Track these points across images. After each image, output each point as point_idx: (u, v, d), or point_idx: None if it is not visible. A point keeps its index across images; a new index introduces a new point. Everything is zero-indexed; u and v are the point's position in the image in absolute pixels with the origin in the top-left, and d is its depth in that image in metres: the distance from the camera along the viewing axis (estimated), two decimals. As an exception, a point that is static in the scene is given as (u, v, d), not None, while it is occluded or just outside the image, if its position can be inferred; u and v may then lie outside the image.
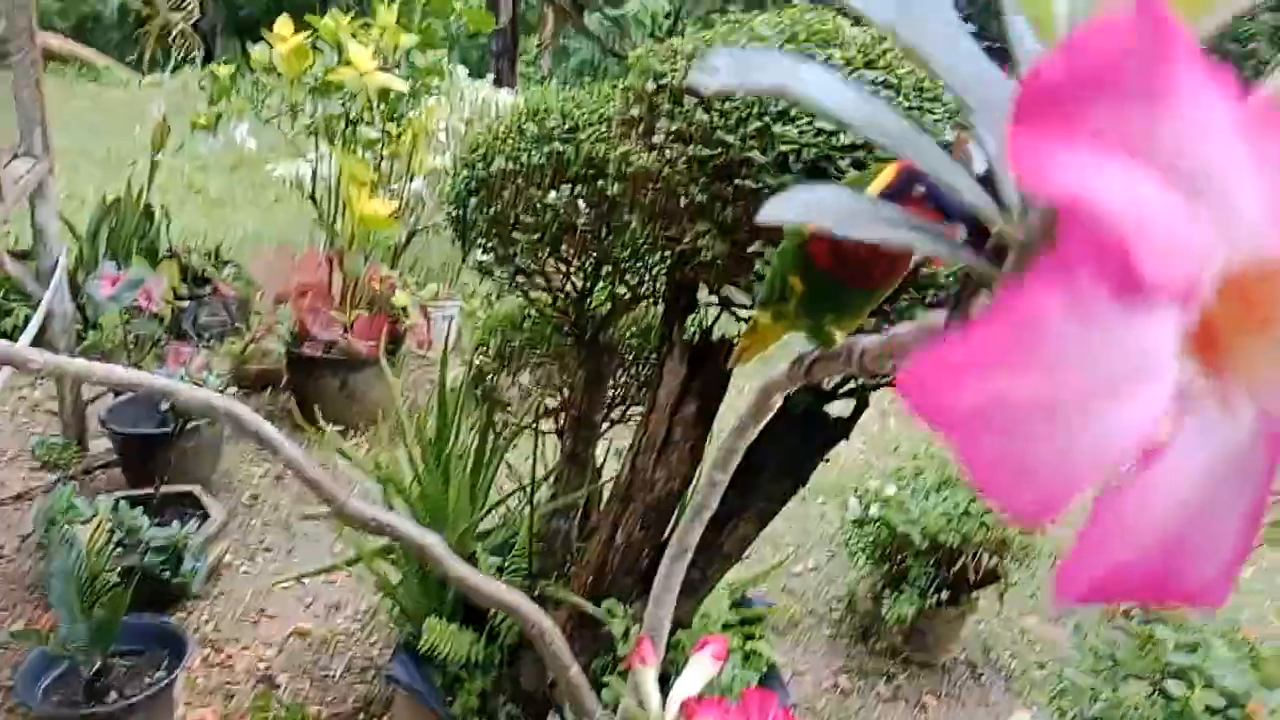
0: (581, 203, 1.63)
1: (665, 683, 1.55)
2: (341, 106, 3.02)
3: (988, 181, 0.29)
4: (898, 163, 0.54)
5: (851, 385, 1.51)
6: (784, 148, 1.18)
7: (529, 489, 2.03)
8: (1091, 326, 0.16)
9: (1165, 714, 1.68)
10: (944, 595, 2.34)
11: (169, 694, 2.01)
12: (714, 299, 1.68)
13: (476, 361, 2.19)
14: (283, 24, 2.92)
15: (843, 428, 1.55)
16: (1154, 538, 0.19)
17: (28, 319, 2.93)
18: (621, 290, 1.80)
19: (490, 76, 4.54)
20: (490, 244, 1.75)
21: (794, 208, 0.27)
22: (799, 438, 1.53)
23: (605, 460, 2.11)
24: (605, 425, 2.04)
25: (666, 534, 1.82)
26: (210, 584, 2.69)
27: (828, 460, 1.65)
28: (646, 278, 1.79)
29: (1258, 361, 0.19)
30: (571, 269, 1.81)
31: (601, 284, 1.85)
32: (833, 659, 2.51)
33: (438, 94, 3.42)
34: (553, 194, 1.61)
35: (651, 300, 1.85)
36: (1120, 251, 0.16)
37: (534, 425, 2.15)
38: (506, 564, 2.06)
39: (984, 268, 0.29)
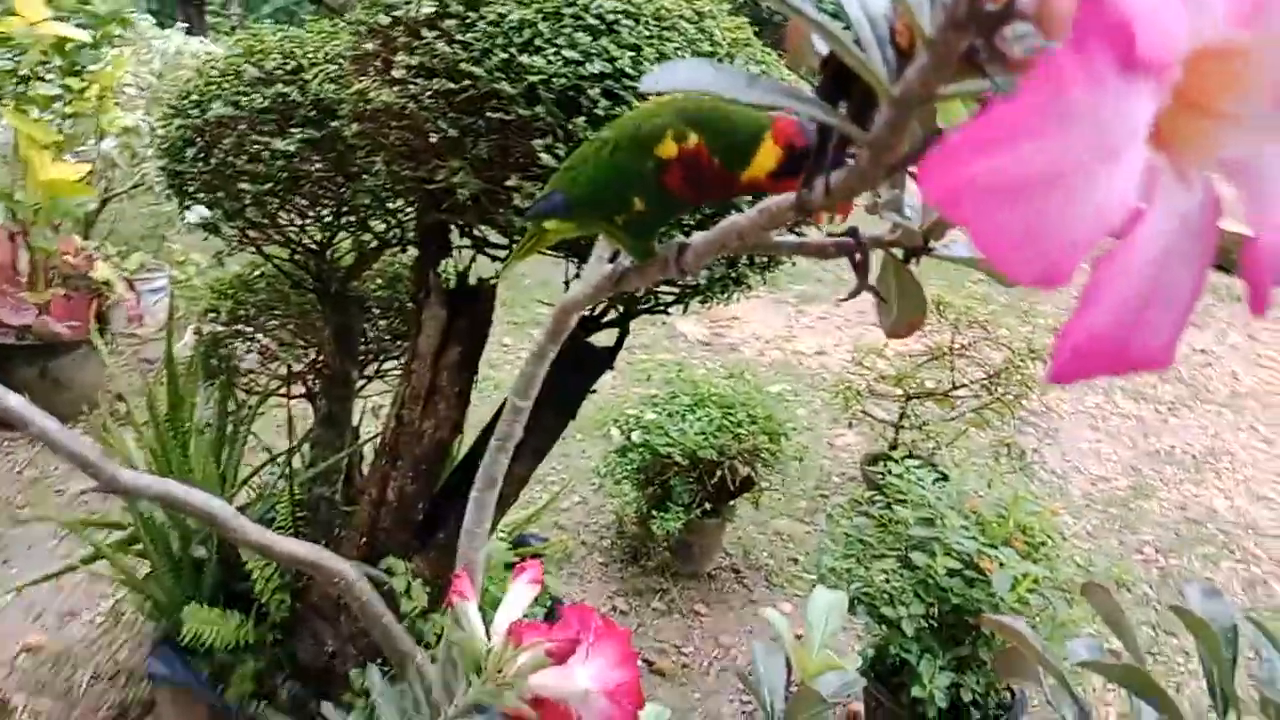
0: (312, 149, 1.54)
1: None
2: (11, 61, 2.66)
3: (831, 64, 0.30)
4: (778, 140, 0.54)
5: (614, 315, 1.54)
6: (532, 78, 1.16)
7: (286, 457, 1.93)
8: (1101, 93, 0.18)
9: (913, 582, 1.86)
10: (706, 507, 2.46)
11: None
12: (467, 241, 1.65)
13: (205, 330, 2.03)
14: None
15: (608, 357, 1.58)
16: (1129, 303, 0.21)
17: None
18: (367, 238, 1.73)
19: (180, 24, 4.15)
20: (214, 198, 1.62)
21: (677, 78, 0.27)
22: (569, 370, 1.54)
23: (362, 420, 2.03)
24: (361, 382, 1.97)
25: (440, 483, 1.79)
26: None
27: (594, 391, 1.67)
28: (393, 223, 1.73)
29: (1204, 135, 0.22)
30: (308, 219, 1.71)
31: (343, 233, 1.76)
32: (608, 584, 2.59)
33: (122, 44, 3.09)
34: (281, 140, 1.51)
35: (400, 247, 1.79)
36: (1125, 27, 0.17)
37: (281, 390, 2.03)
38: (268, 538, 1.96)
39: (849, 127, 0.30)
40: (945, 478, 2.09)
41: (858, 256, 0.48)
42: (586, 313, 1.50)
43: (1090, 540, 3.07)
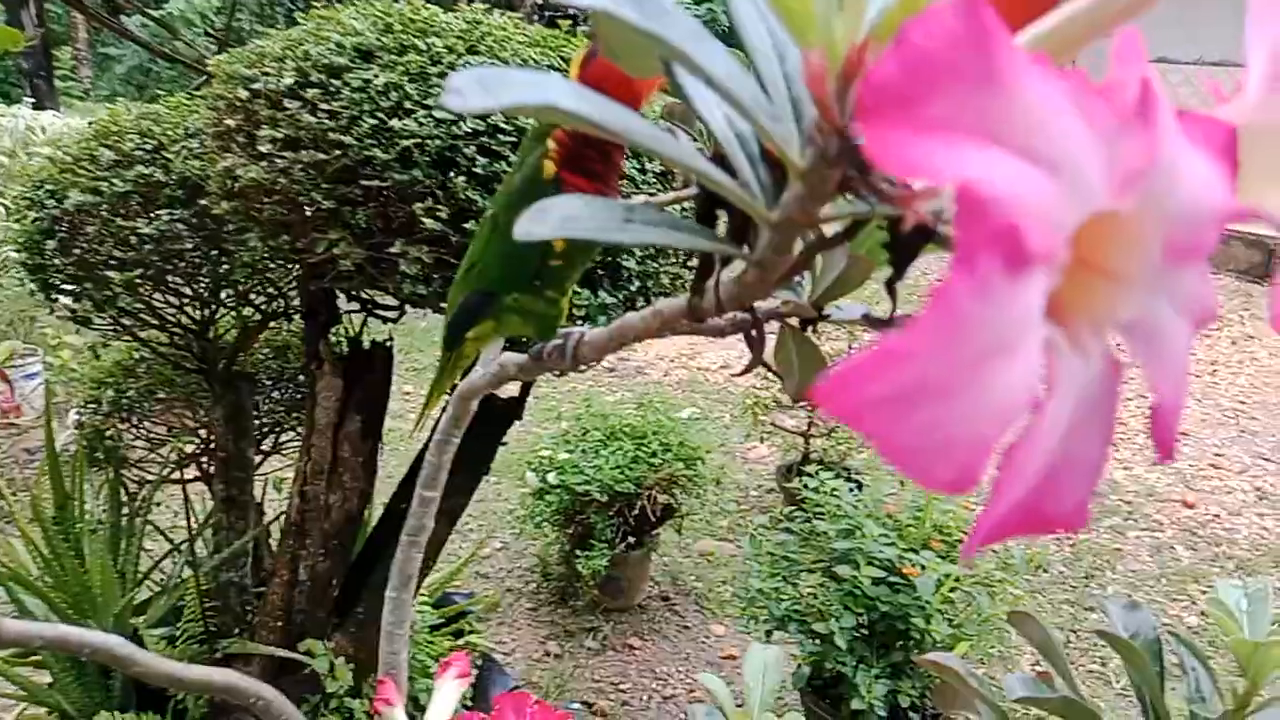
0: (182, 226, 1.48)
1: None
2: None
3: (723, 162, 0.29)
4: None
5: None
6: (405, 142, 1.14)
7: (187, 546, 1.84)
8: (994, 302, 0.17)
9: (841, 595, 1.88)
10: (629, 540, 2.44)
11: None
12: (355, 305, 1.60)
13: (87, 421, 1.93)
14: None
15: (514, 409, 1.55)
16: (1040, 476, 0.20)
17: None
18: (249, 312, 1.66)
19: (28, 99, 3.97)
20: (81, 289, 1.54)
21: (551, 224, 0.25)
22: (477, 428, 1.51)
23: (264, 497, 1.96)
24: (258, 459, 1.90)
25: (353, 558, 1.74)
26: None
27: (505, 443, 1.64)
28: (275, 294, 1.67)
29: (1098, 301, 0.21)
30: (185, 300, 1.64)
31: (223, 310, 1.70)
32: (538, 629, 2.55)
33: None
34: (147, 224, 1.45)
35: (285, 317, 1.73)
36: (1010, 232, 0.17)
37: (174, 476, 1.94)
38: (178, 632, 1.87)
39: (730, 249, 0.29)
40: (859, 485, 2.12)
41: (754, 333, 0.48)
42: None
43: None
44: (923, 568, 1.73)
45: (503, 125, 1.17)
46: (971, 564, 1.81)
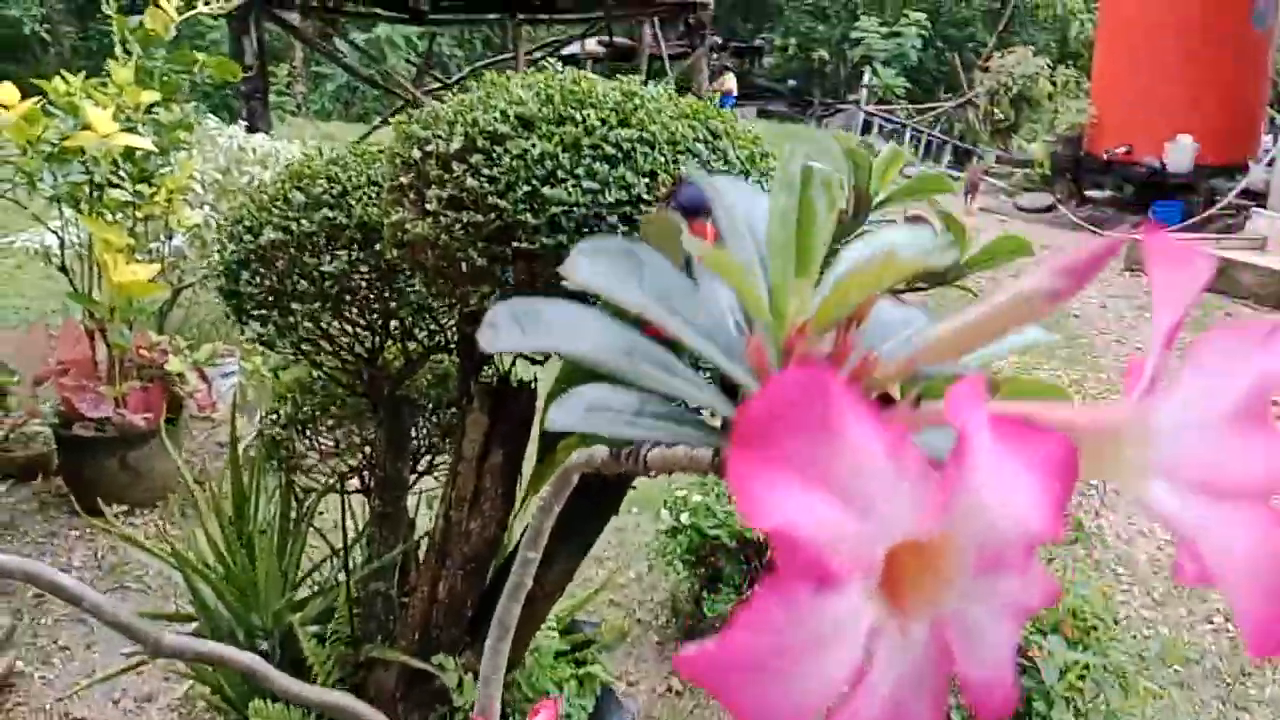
0: (359, 265, 1.62)
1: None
2: (84, 172, 2.83)
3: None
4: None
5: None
6: (554, 209, 1.23)
7: (342, 554, 1.99)
8: (803, 615, 0.22)
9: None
10: (757, 588, 2.47)
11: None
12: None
13: (266, 430, 2.12)
14: (4, 91, 2.71)
15: (620, 484, 1.64)
16: None
17: None
18: (413, 346, 1.80)
19: (243, 123, 4.36)
20: (267, 315, 1.71)
21: (577, 416, 0.31)
22: (581, 506, 1.60)
23: (419, 510, 2.10)
24: (414, 478, 2.04)
25: (489, 581, 1.84)
26: (3, 698, 2.49)
27: (635, 486, 1.72)
28: (436, 330, 1.80)
29: (922, 595, 0.26)
30: (358, 330, 1.79)
31: (391, 341, 1.84)
32: (664, 664, 2.60)
33: (188, 148, 3.26)
34: (329, 262, 1.60)
35: (446, 351, 1.86)
36: (816, 559, 0.22)
37: (338, 487, 2.11)
38: (328, 632, 2.02)
39: (714, 439, 0.34)
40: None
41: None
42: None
43: (1157, 609, 3.00)
44: (1050, 654, 1.69)
45: (645, 196, 1.25)
46: (1104, 650, 1.75)
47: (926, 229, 0.37)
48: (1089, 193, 10.10)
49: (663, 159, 1.27)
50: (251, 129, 4.65)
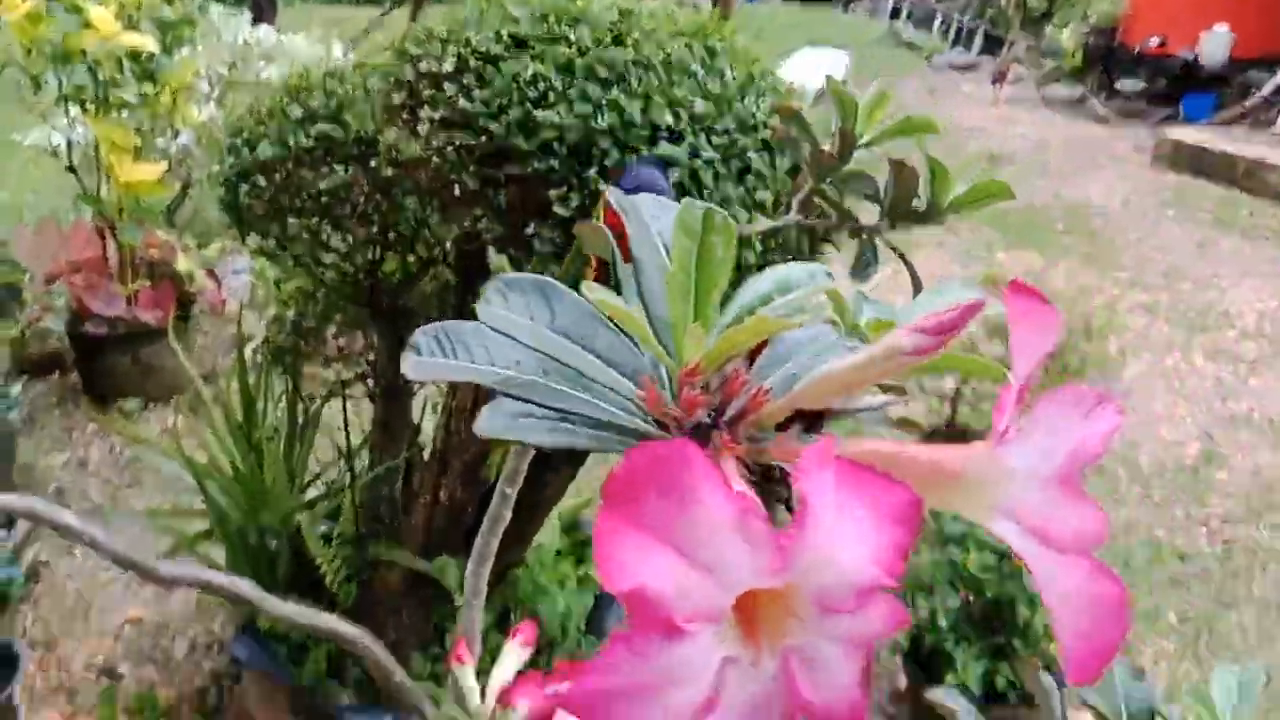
0: (357, 179, 1.63)
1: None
2: (89, 72, 2.81)
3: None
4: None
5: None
6: (547, 134, 1.22)
7: (347, 457, 2.05)
8: (651, 660, 0.25)
9: (949, 574, 1.92)
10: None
11: (10, 707, 1.97)
12: (504, 259, 1.72)
13: (270, 336, 2.16)
14: (5, -12, 2.67)
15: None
16: None
17: None
18: (412, 259, 1.81)
19: (247, 14, 4.28)
20: (267, 228, 1.72)
21: (504, 423, 0.34)
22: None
23: (422, 417, 2.15)
24: (416, 386, 2.08)
25: (490, 487, 1.90)
26: (31, 587, 2.61)
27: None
28: (435, 243, 1.81)
29: (773, 631, 0.28)
30: (357, 243, 1.80)
31: (391, 253, 1.85)
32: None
33: (192, 45, 3.22)
34: (325, 178, 1.60)
35: (445, 264, 1.87)
36: (665, 614, 0.24)
37: (343, 393, 2.15)
38: (334, 533, 2.09)
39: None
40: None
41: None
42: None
43: (1156, 511, 3.06)
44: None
45: (636, 120, 1.24)
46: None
47: (821, 269, 0.39)
48: (1120, 85, 9.84)
49: (657, 81, 1.26)
50: (257, 19, 4.56)
